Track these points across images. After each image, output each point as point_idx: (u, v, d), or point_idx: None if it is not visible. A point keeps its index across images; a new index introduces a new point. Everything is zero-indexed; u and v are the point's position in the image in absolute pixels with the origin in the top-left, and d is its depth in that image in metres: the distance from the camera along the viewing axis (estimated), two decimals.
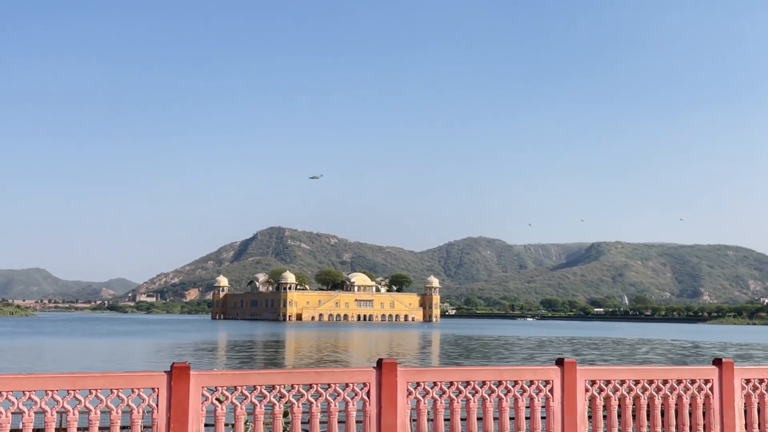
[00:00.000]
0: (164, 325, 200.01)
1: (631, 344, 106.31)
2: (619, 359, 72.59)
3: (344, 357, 74.11)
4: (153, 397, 8.64)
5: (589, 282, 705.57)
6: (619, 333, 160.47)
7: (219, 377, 9.02)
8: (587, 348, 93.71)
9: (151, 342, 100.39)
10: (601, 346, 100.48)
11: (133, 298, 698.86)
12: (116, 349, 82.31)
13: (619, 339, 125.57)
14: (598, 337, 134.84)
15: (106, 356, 69.71)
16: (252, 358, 72.30)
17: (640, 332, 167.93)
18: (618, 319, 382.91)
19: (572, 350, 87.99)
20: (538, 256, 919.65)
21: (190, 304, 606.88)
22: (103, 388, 8.42)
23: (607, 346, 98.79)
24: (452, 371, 10.21)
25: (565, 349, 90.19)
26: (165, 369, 8.87)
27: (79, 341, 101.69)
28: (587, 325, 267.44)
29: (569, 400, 10.43)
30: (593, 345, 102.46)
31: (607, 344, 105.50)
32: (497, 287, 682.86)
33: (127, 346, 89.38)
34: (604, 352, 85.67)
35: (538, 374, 10.46)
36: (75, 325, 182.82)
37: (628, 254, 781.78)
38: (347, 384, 9.50)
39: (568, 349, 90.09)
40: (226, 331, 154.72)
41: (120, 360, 64.11)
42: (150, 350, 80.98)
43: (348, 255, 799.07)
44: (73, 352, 77.91)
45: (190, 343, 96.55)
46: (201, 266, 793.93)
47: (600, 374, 10.75)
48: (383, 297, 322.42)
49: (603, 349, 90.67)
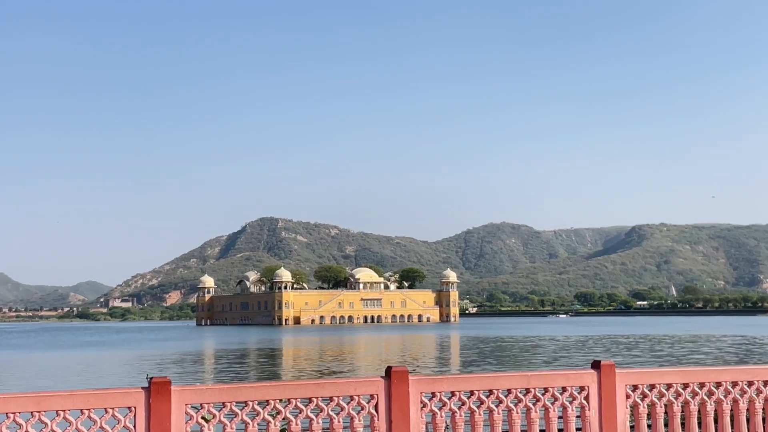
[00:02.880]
0: (142, 333, 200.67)
1: (679, 342, 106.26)
2: (665, 360, 72.56)
3: (349, 366, 74.29)
4: (129, 418, 8.66)
5: (631, 271, 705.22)
6: (666, 329, 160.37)
7: (205, 393, 9.04)
8: (628, 348, 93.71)
9: (128, 354, 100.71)
10: (644, 345, 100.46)
11: (106, 304, 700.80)
12: (88, 363, 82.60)
13: (666, 336, 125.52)
14: (642, 334, 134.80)
15: (76, 372, 69.93)
16: (243, 369, 72.52)
17: (690, 328, 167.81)
18: (664, 313, 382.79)
19: (611, 351, 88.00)
20: (570, 243, 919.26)
21: (171, 309, 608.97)
22: (72, 409, 8.43)
23: (652, 345, 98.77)
24: (472, 378, 10.23)
25: (602, 350, 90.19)
26: (143, 385, 8.89)
27: (45, 355, 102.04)
28: (629, 320, 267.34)
29: (608, 409, 10.45)
30: (635, 344, 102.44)
31: (651, 343, 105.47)
32: (524, 280, 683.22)
33: (100, 360, 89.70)
34: (647, 352, 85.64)
35: (572, 380, 10.47)
36: (39, 337, 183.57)
37: (675, 238, 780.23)
38: (352, 397, 9.52)
39: (607, 350, 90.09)
40: (213, 338, 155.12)
41: (92, 376, 64.33)
42: (126, 363, 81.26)
43: (351, 248, 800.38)
44: (38, 367, 78.22)
45: (172, 354, 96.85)
46: (183, 265, 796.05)
47: (643, 378, 10.75)
48: (393, 295, 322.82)
49: (647, 349, 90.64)
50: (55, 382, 56.59)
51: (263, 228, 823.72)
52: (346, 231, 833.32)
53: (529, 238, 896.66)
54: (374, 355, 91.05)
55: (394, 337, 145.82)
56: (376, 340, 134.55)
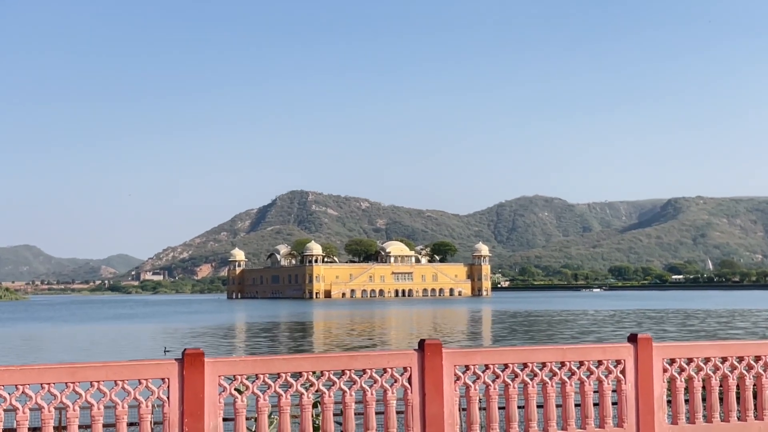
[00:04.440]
0: (174, 306, 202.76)
1: (711, 316, 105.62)
2: (702, 334, 72.22)
3: (381, 339, 74.59)
4: (163, 389, 8.74)
5: (666, 245, 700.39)
6: (701, 303, 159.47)
7: (238, 364, 9.10)
8: (665, 322, 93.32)
9: (160, 326, 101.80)
10: (680, 319, 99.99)
11: (137, 277, 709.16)
12: (120, 336, 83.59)
13: (702, 310, 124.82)
14: (678, 309, 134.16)
15: (108, 344, 70.86)
16: (275, 342, 73.08)
17: (726, 302, 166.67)
18: (701, 287, 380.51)
19: (647, 325, 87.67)
20: (604, 216, 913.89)
21: (202, 282, 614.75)
22: (106, 380, 8.52)
23: (688, 319, 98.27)
24: (507, 351, 10.22)
25: (633, 324, 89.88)
26: (176, 356, 8.97)
27: (78, 328, 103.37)
28: (664, 295, 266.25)
29: (645, 383, 10.41)
30: (672, 318, 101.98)
31: (687, 317, 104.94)
32: (557, 254, 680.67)
33: (133, 332, 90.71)
34: (684, 326, 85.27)
35: (608, 353, 10.44)
36: (72, 309, 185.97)
37: (712, 211, 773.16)
38: (385, 369, 9.55)
39: (643, 324, 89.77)
40: (245, 311, 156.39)
41: (125, 348, 65.16)
42: (158, 336, 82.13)
43: (382, 221, 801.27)
44: (72, 339, 79.30)
45: (204, 327, 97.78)
46: (213, 238, 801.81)
47: (680, 351, 10.70)
48: (424, 269, 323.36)
49: (683, 323, 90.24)
50: (88, 355, 57.35)
51: (293, 201, 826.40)
52: (377, 204, 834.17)
53: (563, 211, 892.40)
54: (405, 329, 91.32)
55: (426, 311, 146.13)
56: (407, 314, 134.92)
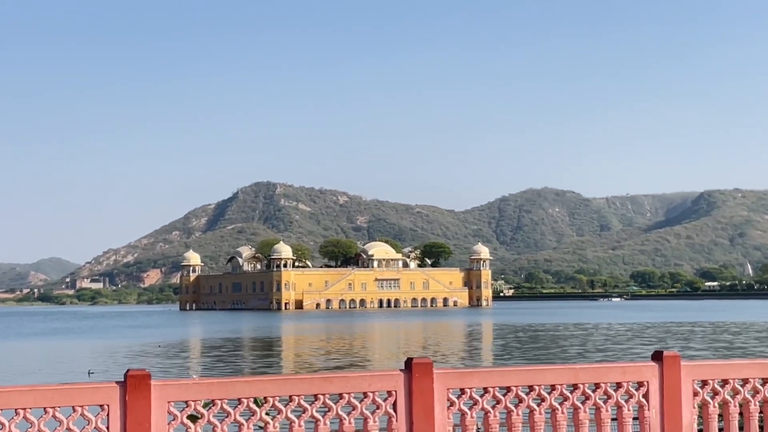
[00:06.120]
0: (116, 319, 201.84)
1: (756, 331, 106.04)
2: (739, 352, 72.47)
3: (362, 357, 74.59)
4: (102, 417, 8.66)
5: (698, 246, 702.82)
6: (740, 315, 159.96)
7: (191, 388, 9.04)
8: (695, 337, 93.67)
9: (99, 344, 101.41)
10: (714, 334, 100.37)
11: (73, 285, 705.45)
12: (52, 355, 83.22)
13: (740, 323, 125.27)
14: (711, 321, 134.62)
15: (39, 364, 70.50)
16: (236, 362, 72.92)
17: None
18: (739, 295, 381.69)
19: (674, 341, 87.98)
20: (626, 212, 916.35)
21: (149, 291, 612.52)
22: (34, 407, 8.45)
23: (723, 334, 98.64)
24: (509, 372, 10.19)
25: (664, 340, 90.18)
26: (117, 379, 8.90)
27: (1, 345, 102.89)
28: (695, 305, 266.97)
29: (671, 408, 10.41)
30: (704, 333, 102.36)
31: (722, 331, 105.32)
32: (570, 257, 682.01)
33: (67, 350, 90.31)
34: (718, 341, 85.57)
35: (629, 374, 10.44)
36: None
37: (751, 206, 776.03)
38: (366, 393, 9.49)
39: (669, 340, 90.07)
40: (200, 325, 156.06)
41: (58, 369, 64.84)
42: (98, 355, 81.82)
43: (363, 218, 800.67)
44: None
45: (152, 344, 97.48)
46: (163, 239, 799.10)
47: (713, 371, 10.71)
48: (413, 274, 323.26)
49: (716, 339, 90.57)
50: (11, 378, 57.06)
51: (258, 195, 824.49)
52: (357, 198, 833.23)
53: (576, 206, 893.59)
54: (391, 346, 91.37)
55: (415, 325, 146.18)
56: (392, 328, 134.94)
